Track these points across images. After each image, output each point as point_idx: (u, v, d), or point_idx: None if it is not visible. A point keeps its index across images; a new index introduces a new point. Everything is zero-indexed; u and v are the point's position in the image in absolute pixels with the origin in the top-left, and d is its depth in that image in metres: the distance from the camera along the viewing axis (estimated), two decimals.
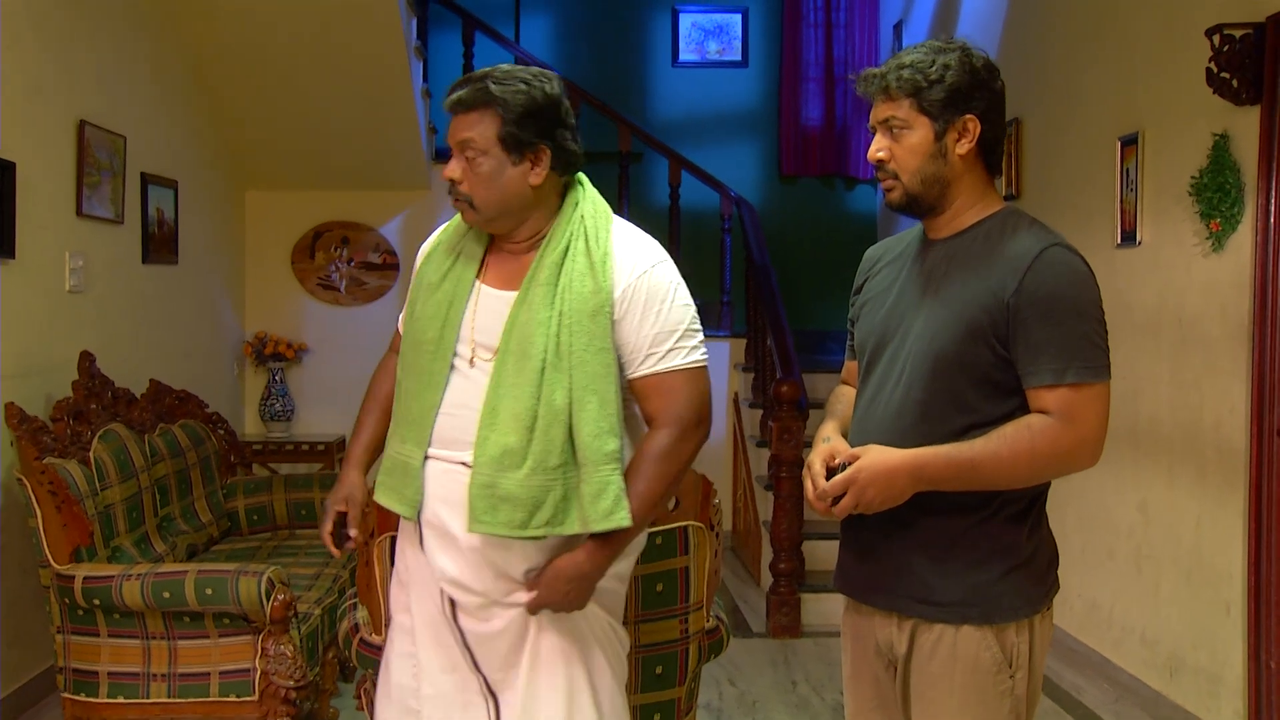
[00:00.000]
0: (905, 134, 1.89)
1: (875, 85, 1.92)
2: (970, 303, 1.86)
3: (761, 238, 6.26)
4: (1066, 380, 1.80)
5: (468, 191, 2.07)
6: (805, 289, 7.45)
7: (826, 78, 7.43)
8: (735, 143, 7.56)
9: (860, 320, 2.09)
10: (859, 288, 2.15)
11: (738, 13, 7.51)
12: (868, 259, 2.18)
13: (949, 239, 1.96)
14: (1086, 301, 1.83)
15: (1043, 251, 1.83)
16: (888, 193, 1.95)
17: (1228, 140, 3.41)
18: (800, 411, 4.99)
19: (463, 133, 2.04)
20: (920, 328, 1.92)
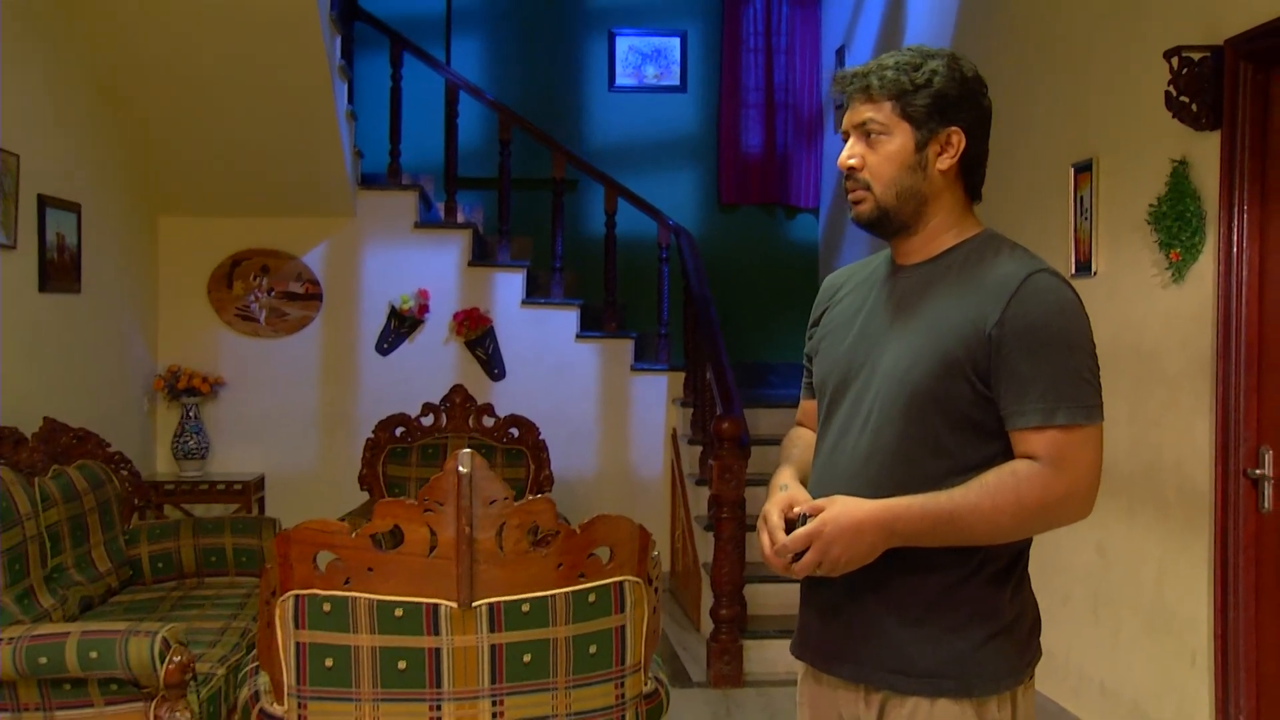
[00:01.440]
0: (883, 140, 1.71)
1: (855, 85, 1.73)
2: (947, 334, 1.67)
3: (700, 268, 6.09)
4: (1056, 421, 1.62)
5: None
6: (746, 321, 7.30)
7: (767, 104, 7.29)
8: (673, 170, 7.40)
9: (820, 355, 1.89)
10: (817, 319, 1.94)
11: (676, 36, 7.36)
12: (827, 287, 1.97)
13: (922, 265, 1.77)
14: (1077, 333, 1.65)
15: (1028, 278, 1.65)
16: (856, 205, 1.75)
17: (1187, 167, 3.28)
18: (742, 449, 4.78)
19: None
20: (890, 363, 1.72)
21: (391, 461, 5.37)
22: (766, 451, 5.62)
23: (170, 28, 4.71)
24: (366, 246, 6.23)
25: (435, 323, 6.22)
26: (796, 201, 7.38)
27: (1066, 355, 1.63)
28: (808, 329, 1.98)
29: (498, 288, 6.30)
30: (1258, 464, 3.07)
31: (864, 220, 1.76)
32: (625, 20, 7.35)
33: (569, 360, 6.31)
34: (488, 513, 2.28)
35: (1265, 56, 3.06)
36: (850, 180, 1.75)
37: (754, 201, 7.41)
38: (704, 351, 5.60)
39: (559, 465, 5.71)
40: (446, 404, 5.48)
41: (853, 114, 1.75)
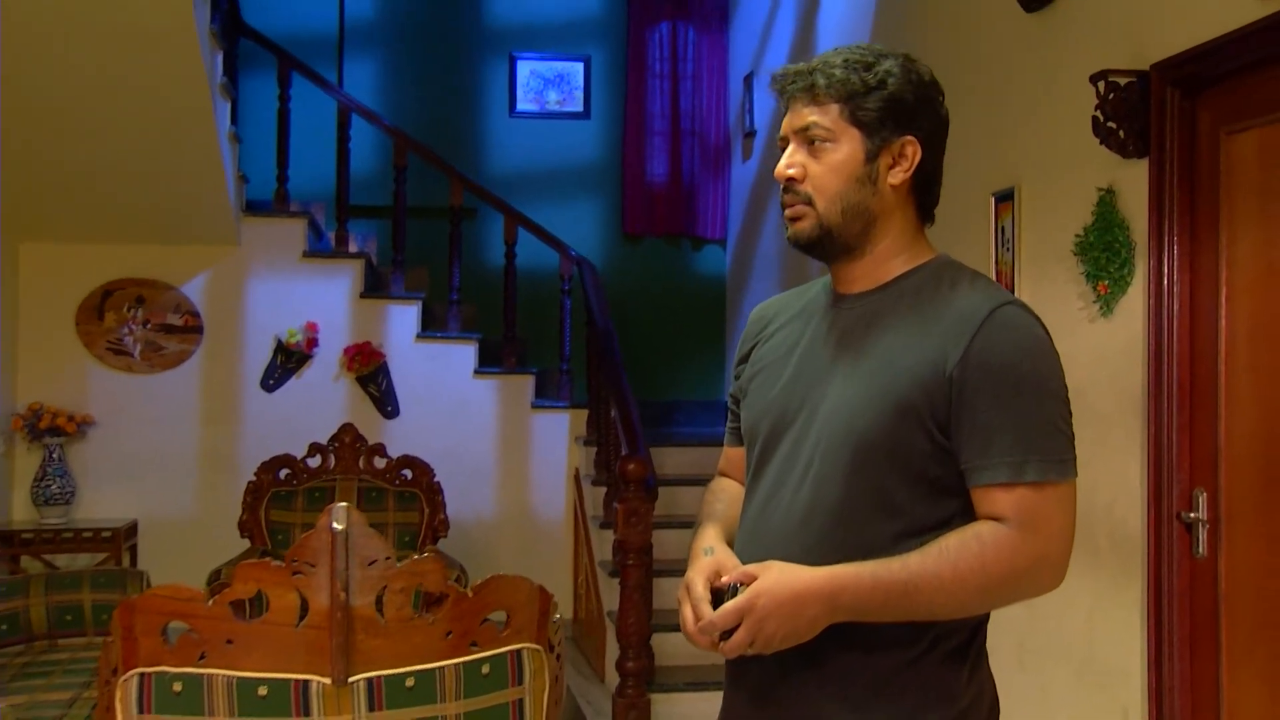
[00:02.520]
0: (829, 148, 1.50)
1: (798, 84, 1.52)
2: (900, 376, 1.45)
3: (604, 301, 5.88)
4: (1026, 478, 1.41)
5: None
6: (651, 356, 7.10)
7: (673, 131, 7.12)
8: (576, 199, 7.18)
9: (749, 396, 1.66)
10: (745, 354, 1.72)
11: (579, 61, 7.16)
12: (757, 318, 1.75)
13: (868, 294, 1.56)
14: (1049, 375, 1.45)
15: (994, 312, 1.45)
16: (794, 222, 1.53)
17: (1114, 196, 3.15)
18: (649, 491, 4.54)
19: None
20: (832, 407, 1.50)
21: (275, 506, 5.01)
22: (674, 493, 5.44)
23: (31, 38, 4.33)
24: (251, 277, 5.87)
25: (324, 358, 5.89)
26: (703, 232, 7.22)
27: (1038, 401, 1.43)
28: (734, 366, 1.76)
29: (391, 321, 6.00)
30: (1191, 507, 2.93)
31: (803, 240, 1.54)
32: (527, 44, 7.13)
33: (466, 397, 6.03)
34: (366, 575, 2.02)
35: (1192, 82, 2.95)
36: (788, 193, 1.54)
37: (659, 232, 7.23)
38: (608, 388, 5.37)
39: (456, 508, 5.41)
40: (335, 444, 5.14)
41: (793, 117, 1.54)
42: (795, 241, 1.56)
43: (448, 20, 7.10)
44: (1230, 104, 2.88)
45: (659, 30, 7.07)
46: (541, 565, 5.87)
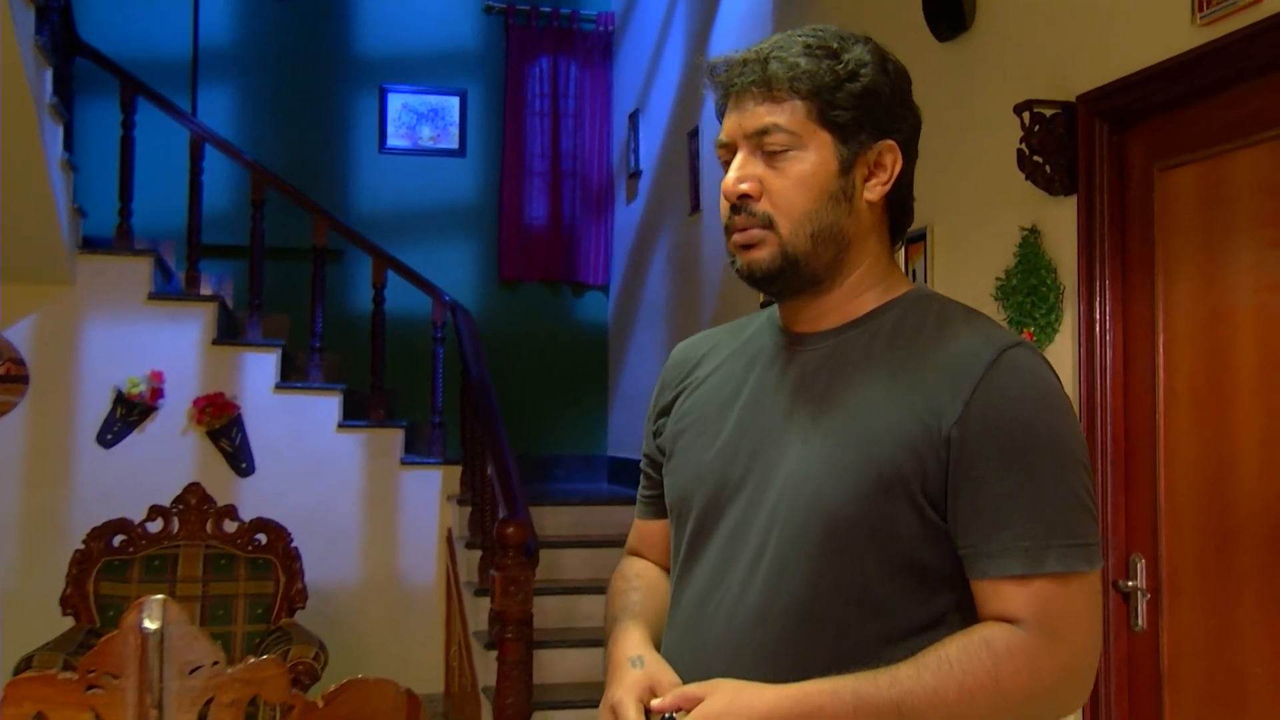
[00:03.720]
0: (793, 157, 1.21)
1: (749, 76, 1.21)
2: (882, 436, 1.15)
3: (479, 349, 5.49)
4: (1046, 568, 1.11)
5: None
6: (529, 408, 6.75)
7: (553, 171, 6.81)
8: (450, 241, 6.80)
9: (675, 459, 1.33)
10: (666, 405, 1.39)
11: (454, 96, 6.80)
12: (681, 360, 1.42)
13: (833, 333, 1.25)
14: (1068, 436, 1.17)
15: (1000, 356, 1.17)
16: (747, 250, 1.22)
17: (1039, 235, 2.93)
18: (529, 557, 4.16)
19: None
20: (792, 475, 1.19)
21: (107, 577, 4.46)
22: (555, 555, 5.10)
23: None
24: (88, 320, 5.32)
25: (171, 410, 5.36)
26: (585, 278, 6.91)
27: (1057, 469, 1.14)
28: (650, 419, 1.43)
29: (247, 370, 5.50)
30: (1129, 575, 2.69)
31: (760, 272, 1.23)
32: (398, 76, 6.75)
33: (329, 452, 5.56)
34: (187, 686, 1.65)
35: (1122, 115, 2.76)
36: (741, 214, 1.23)
37: (538, 278, 6.90)
38: (483, 443, 4.99)
39: (316, 574, 4.93)
40: (179, 506, 4.63)
41: (743, 118, 1.23)
42: (749, 274, 1.24)
43: (313, 48, 6.69)
44: (1165, 138, 2.69)
45: (539, 65, 6.78)
46: (410, 636, 5.43)
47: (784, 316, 1.31)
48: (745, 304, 4.80)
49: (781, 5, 4.60)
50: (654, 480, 1.43)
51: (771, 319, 1.35)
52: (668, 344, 5.96)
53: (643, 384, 6.35)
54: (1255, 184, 2.49)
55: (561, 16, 6.84)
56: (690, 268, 5.63)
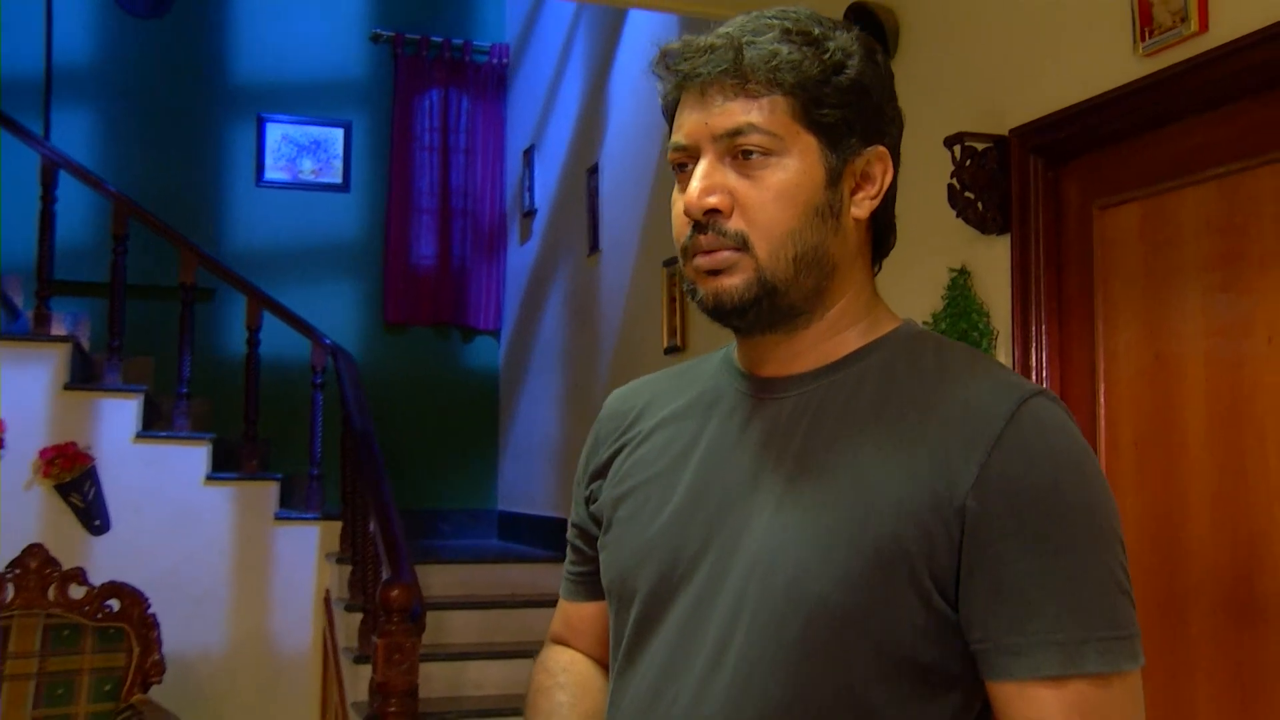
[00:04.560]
0: (773, 165, 1.00)
1: (716, 64, 1.00)
2: (879, 505, 0.95)
3: (362, 397, 5.14)
4: (1085, 668, 0.91)
5: None
6: (415, 460, 6.40)
7: (442, 210, 6.51)
8: (332, 281, 6.45)
9: (614, 530, 1.11)
10: (601, 466, 1.17)
11: (338, 127, 6.46)
12: (617, 412, 1.19)
13: (807, 377, 1.05)
14: (1102, 505, 0.95)
15: (1020, 408, 0.95)
16: (716, 277, 1.02)
17: (969, 277, 2.76)
18: (414, 622, 3.83)
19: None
20: (762, 552, 0.99)
21: None
22: (442, 618, 4.77)
23: None
24: None
25: (13, 462, 4.86)
26: (475, 323, 6.62)
27: (1094, 545, 0.93)
28: (580, 482, 1.19)
29: (104, 417, 5.05)
30: None
31: (732, 302, 1.01)
32: (278, 105, 6.38)
33: (196, 507, 5.13)
34: None
35: (1058, 149, 2.61)
36: (708, 232, 1.01)
37: (426, 321, 6.58)
38: (366, 497, 4.65)
39: (178, 642, 4.50)
40: (16, 570, 4.14)
41: (709, 115, 1.01)
42: (716, 306, 1.02)
43: (185, 71, 6.30)
44: (1104, 174, 2.54)
45: (429, 97, 6.50)
46: (281, 709, 5.01)
47: (746, 358, 1.09)
48: (649, 351, 4.57)
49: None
50: (586, 555, 1.20)
51: (727, 361, 1.12)
52: (563, 393, 5.69)
53: (536, 435, 6.07)
54: (1201, 223, 2.36)
55: (453, 47, 6.58)
56: (588, 312, 5.39)
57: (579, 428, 5.39)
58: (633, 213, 4.86)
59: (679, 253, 1.04)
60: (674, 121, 1.05)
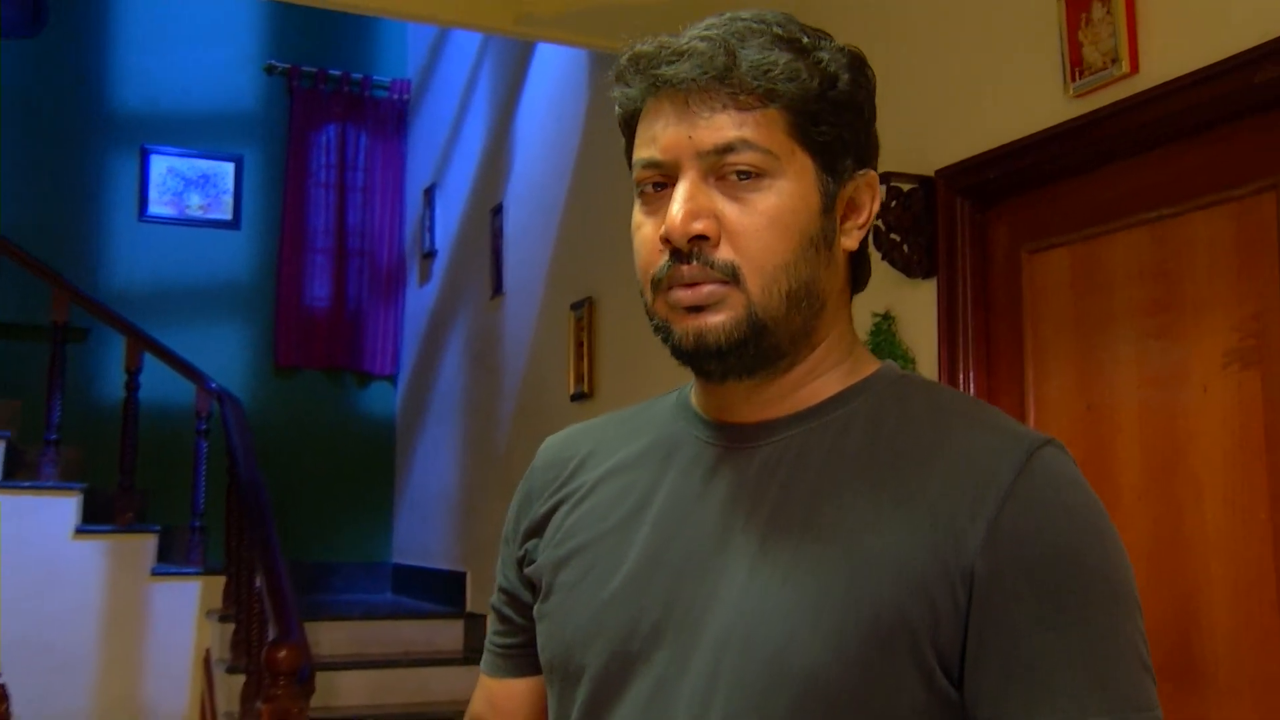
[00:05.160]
0: (766, 187, 0.89)
1: (704, 68, 0.88)
2: (876, 567, 0.85)
3: (250, 444, 4.89)
4: None
5: None
6: (305, 510, 6.12)
7: (338, 249, 6.28)
8: (219, 322, 6.17)
9: (554, 598, 0.99)
10: (537, 523, 1.03)
11: (229, 161, 6.20)
12: (554, 461, 1.06)
13: (782, 424, 0.94)
14: (1122, 567, 0.86)
15: (1030, 459, 0.86)
16: (700, 314, 0.89)
17: (893, 322, 2.67)
18: (302, 685, 3.59)
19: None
20: (739, 622, 0.87)
21: None
22: (332, 679, 4.54)
23: None
24: None
25: None
26: (371, 367, 6.38)
27: (1114, 614, 0.84)
28: (511, 541, 1.06)
29: None
30: None
31: (718, 343, 0.89)
32: (164, 136, 6.10)
33: (63, 563, 4.81)
34: None
35: (986, 192, 2.53)
36: (693, 262, 0.89)
37: (319, 365, 6.33)
38: (252, 550, 4.39)
39: (35, 713, 4.15)
40: None
41: (694, 128, 0.89)
42: (699, 347, 0.89)
43: (63, 97, 5.99)
44: (1033, 218, 2.47)
45: (325, 133, 6.29)
46: None
47: (709, 402, 0.97)
48: (555, 399, 4.40)
49: (597, 77, 4.31)
50: (515, 625, 1.06)
51: (683, 405, 1.00)
52: (463, 441, 5.48)
53: (433, 485, 5.84)
54: (1133, 269, 2.30)
55: (352, 82, 6.38)
56: (490, 357, 5.21)
57: (479, 478, 5.19)
58: (539, 254, 4.71)
59: (646, 285, 0.91)
60: (638, 134, 0.92)
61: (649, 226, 0.91)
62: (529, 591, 1.03)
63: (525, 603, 1.03)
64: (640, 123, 0.92)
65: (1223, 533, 2.14)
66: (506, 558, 1.06)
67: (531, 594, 1.02)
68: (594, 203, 4.28)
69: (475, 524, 5.14)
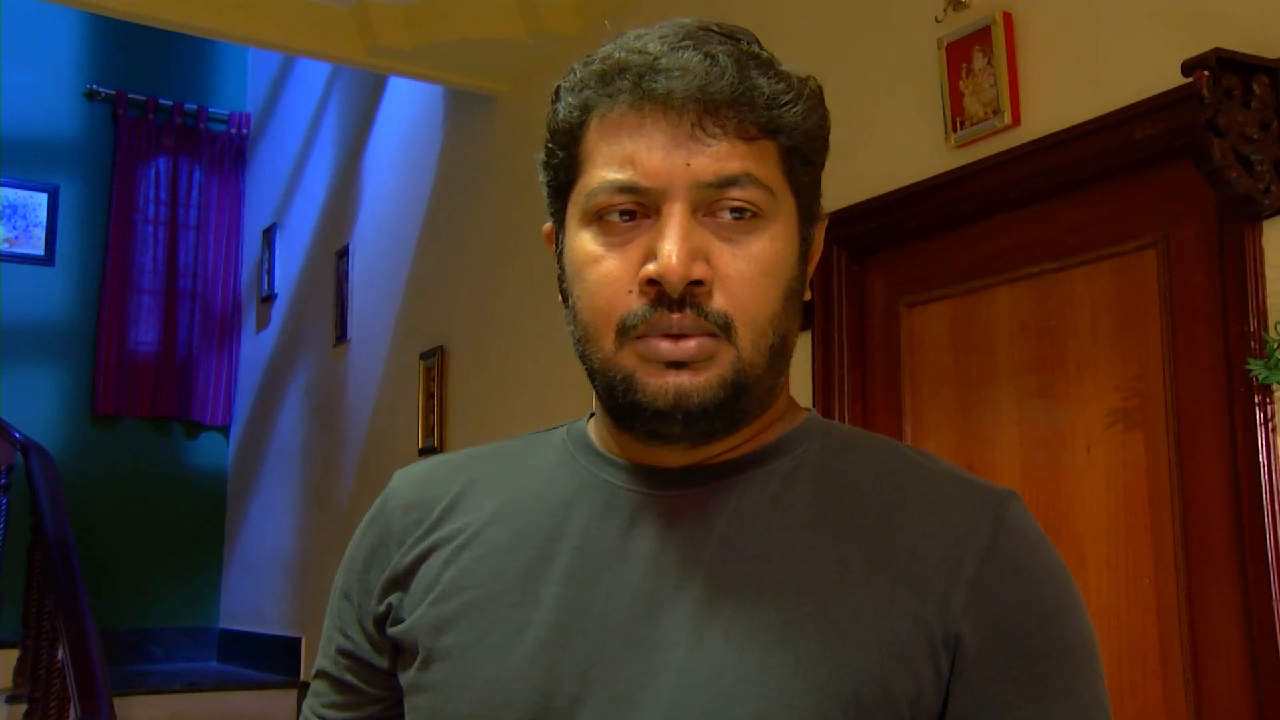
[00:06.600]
0: (760, 230, 0.80)
1: (706, 83, 0.77)
2: (854, 638, 0.77)
3: (60, 500, 4.52)
4: None
5: None
6: (120, 572, 5.69)
7: (167, 290, 5.89)
8: (28, 366, 5.69)
9: (438, 666, 0.84)
10: (400, 574, 0.89)
11: (42, 191, 5.73)
12: (416, 500, 0.91)
13: (713, 470, 0.84)
14: (1093, 638, 0.83)
15: (1003, 515, 0.81)
16: (677, 370, 0.78)
17: None
18: None
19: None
20: (685, 701, 0.76)
21: None
22: None
23: None
24: None
25: None
26: (201, 417, 6.00)
27: (1093, 688, 0.81)
28: (363, 593, 0.91)
29: None
30: None
31: (700, 405, 0.79)
32: None
33: None
34: None
35: (862, 242, 2.46)
36: (684, 310, 0.78)
37: (144, 414, 5.90)
38: (57, 618, 4.03)
39: None
40: None
41: (690, 154, 0.78)
42: (678, 407, 0.78)
43: None
44: (912, 270, 2.40)
45: (155, 165, 5.90)
46: None
47: (621, 443, 0.86)
48: (402, 452, 4.17)
49: (453, 115, 4.13)
50: (363, 695, 0.92)
51: (579, 443, 0.89)
52: (300, 497, 5.16)
53: (267, 543, 5.48)
54: (1015, 325, 2.24)
55: (186, 113, 6.02)
56: (332, 408, 4.93)
57: (318, 536, 4.88)
58: (387, 300, 4.48)
59: (606, 330, 0.79)
60: (599, 150, 0.80)
61: (613, 262, 0.79)
62: (385, 656, 0.89)
63: (378, 669, 0.90)
64: (602, 138, 0.79)
65: (1106, 599, 2.08)
66: (346, 614, 0.91)
67: (382, 657, 0.89)
68: (448, 247, 4.09)
69: (313, 585, 4.82)
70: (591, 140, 0.80)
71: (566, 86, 0.82)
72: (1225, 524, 1.85)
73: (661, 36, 0.79)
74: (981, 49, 2.20)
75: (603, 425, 0.88)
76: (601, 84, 0.79)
